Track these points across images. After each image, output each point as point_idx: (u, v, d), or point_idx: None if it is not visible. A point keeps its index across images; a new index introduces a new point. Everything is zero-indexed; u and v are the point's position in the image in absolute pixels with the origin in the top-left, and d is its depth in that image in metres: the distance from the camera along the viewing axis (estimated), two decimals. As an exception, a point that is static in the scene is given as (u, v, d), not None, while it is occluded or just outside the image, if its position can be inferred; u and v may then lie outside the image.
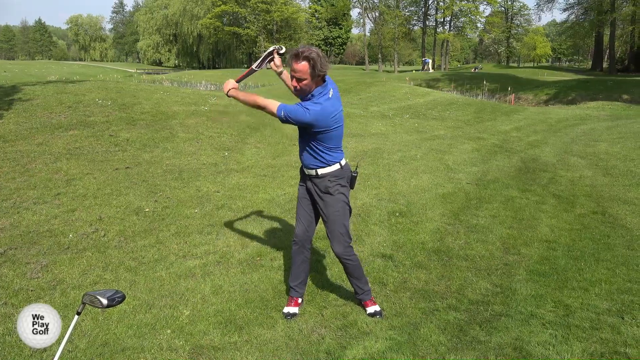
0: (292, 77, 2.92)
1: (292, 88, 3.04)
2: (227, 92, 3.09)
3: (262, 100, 3.00)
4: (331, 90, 3.00)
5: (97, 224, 4.68)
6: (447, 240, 4.70)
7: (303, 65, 2.84)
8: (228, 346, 2.94)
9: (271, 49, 3.19)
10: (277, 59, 3.23)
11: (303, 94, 2.99)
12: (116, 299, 1.70)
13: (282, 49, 3.19)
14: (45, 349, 2.81)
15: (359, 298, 3.39)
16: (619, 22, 48.02)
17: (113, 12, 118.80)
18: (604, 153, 8.74)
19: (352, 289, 3.42)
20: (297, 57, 2.84)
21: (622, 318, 3.20)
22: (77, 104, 8.67)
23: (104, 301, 1.67)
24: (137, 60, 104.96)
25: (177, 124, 8.56)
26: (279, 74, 3.35)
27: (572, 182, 6.89)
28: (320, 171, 3.12)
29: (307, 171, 3.20)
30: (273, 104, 2.96)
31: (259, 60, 3.20)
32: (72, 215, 4.83)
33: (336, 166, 3.13)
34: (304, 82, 2.90)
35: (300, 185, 3.34)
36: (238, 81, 3.17)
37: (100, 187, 5.60)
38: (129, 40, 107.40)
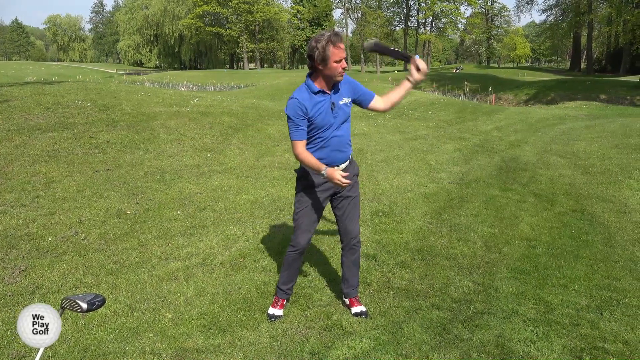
0: (340, 59, 2.80)
1: (339, 74, 2.85)
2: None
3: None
4: None
5: (77, 227, 4.61)
6: (430, 240, 4.74)
7: (344, 44, 2.84)
8: (211, 349, 2.92)
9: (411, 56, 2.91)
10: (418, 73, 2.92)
11: None
12: (96, 303, 1.67)
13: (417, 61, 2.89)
14: (24, 355, 2.76)
15: (348, 292, 3.37)
16: (596, 24, 49.06)
17: (92, 12, 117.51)
18: (582, 152, 8.89)
19: (342, 284, 3.41)
20: (341, 39, 2.77)
21: (601, 314, 3.26)
22: (55, 105, 8.53)
23: (84, 305, 1.64)
24: (118, 61, 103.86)
25: (159, 125, 8.48)
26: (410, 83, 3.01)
27: (551, 180, 7.00)
28: (351, 154, 3.17)
29: (342, 165, 3.08)
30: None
31: (398, 53, 2.98)
32: (52, 219, 4.75)
33: None
34: None
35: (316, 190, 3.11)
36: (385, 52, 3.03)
37: (80, 190, 5.52)
38: (109, 40, 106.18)
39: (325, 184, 3.07)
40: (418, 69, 2.89)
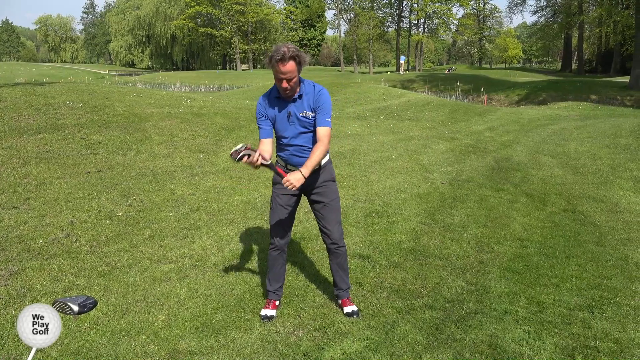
0: (281, 79, 2.87)
1: (282, 90, 2.93)
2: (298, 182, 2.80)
3: (322, 150, 2.94)
4: None
5: (68, 229, 4.58)
6: (423, 240, 4.75)
7: (290, 65, 2.83)
8: (205, 350, 2.91)
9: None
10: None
11: (293, 92, 2.97)
12: (88, 305, 1.66)
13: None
14: (15, 357, 2.73)
15: (339, 294, 3.41)
16: (587, 25, 49.43)
17: (84, 12, 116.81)
18: (573, 152, 8.95)
19: (333, 286, 3.45)
20: (284, 59, 2.80)
21: (592, 313, 3.28)
22: (46, 106, 8.46)
23: (75, 308, 1.63)
24: (109, 62, 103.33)
25: (151, 126, 8.43)
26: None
27: (543, 180, 7.04)
28: (324, 160, 3.16)
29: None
30: (325, 138, 2.96)
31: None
32: (43, 221, 4.71)
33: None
34: (294, 80, 2.90)
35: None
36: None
37: (72, 191, 5.48)
38: (100, 41, 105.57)
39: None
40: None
